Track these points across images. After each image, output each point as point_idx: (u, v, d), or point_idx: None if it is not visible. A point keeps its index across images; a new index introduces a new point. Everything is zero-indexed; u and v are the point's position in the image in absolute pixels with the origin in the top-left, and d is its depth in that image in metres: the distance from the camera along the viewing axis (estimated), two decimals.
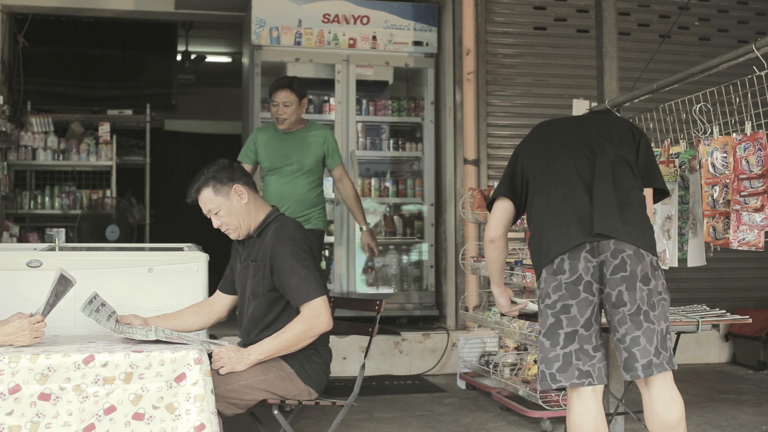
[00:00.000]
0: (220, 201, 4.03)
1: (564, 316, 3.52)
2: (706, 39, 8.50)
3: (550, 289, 3.56)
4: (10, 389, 3.20)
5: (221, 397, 3.60)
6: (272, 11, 7.85)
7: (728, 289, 8.15)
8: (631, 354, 3.57)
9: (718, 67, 4.46)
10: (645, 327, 3.55)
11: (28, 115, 9.19)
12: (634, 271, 3.55)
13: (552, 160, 3.83)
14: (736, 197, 4.14)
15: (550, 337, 3.55)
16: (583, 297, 3.50)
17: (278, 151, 6.17)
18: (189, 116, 12.75)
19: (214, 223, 4.10)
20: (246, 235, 4.11)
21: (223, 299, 4.28)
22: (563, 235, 3.59)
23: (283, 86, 6.13)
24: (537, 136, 4.03)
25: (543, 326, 3.59)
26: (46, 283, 3.57)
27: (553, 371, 3.54)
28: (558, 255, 3.55)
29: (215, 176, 4.04)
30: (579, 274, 3.51)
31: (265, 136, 6.27)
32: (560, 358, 3.53)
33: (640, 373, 3.56)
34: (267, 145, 6.21)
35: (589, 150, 3.79)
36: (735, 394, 6.74)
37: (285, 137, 6.20)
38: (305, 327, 3.84)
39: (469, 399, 6.51)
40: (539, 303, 3.66)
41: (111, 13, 8.83)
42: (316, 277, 3.91)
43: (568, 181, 3.73)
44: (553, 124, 4.10)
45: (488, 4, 8.05)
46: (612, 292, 3.55)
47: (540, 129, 4.08)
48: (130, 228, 9.06)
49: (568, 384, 3.54)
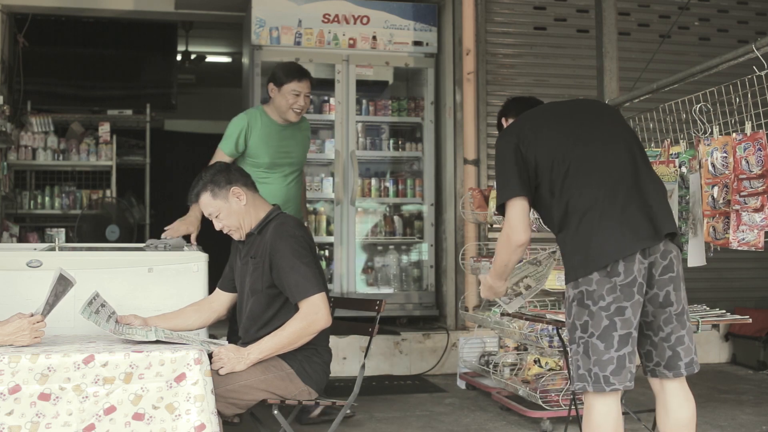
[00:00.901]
0: (219, 204, 4.05)
1: (618, 318, 3.47)
2: (706, 39, 8.50)
3: (604, 291, 3.47)
4: (10, 389, 3.20)
5: (221, 397, 3.60)
6: (272, 11, 7.85)
7: (728, 289, 8.15)
8: (675, 352, 3.58)
9: (718, 67, 4.46)
10: (687, 326, 3.60)
11: (28, 115, 9.19)
12: (680, 271, 3.58)
13: (576, 152, 3.68)
14: (735, 197, 4.14)
15: (604, 339, 3.48)
16: (636, 299, 3.49)
17: (280, 146, 5.63)
18: (189, 116, 12.75)
19: (216, 226, 4.14)
20: None
21: (223, 297, 4.28)
22: (619, 239, 3.49)
23: (306, 75, 5.63)
24: (534, 125, 3.85)
25: (596, 328, 3.49)
26: (46, 283, 3.57)
27: (607, 374, 3.47)
28: (614, 260, 3.48)
29: (213, 180, 4.07)
30: (634, 276, 3.48)
31: (261, 128, 5.59)
32: (614, 360, 3.48)
33: (683, 371, 3.59)
34: (266, 138, 5.59)
35: (620, 142, 3.70)
36: (735, 394, 6.74)
37: (283, 131, 5.67)
38: (304, 324, 3.84)
39: (469, 399, 6.51)
40: (587, 303, 3.53)
41: (111, 13, 8.83)
42: (315, 273, 3.91)
43: (608, 176, 3.60)
44: (548, 112, 3.95)
45: (488, 4, 8.05)
46: (660, 292, 3.53)
47: (535, 117, 3.91)
48: (130, 228, 9.06)
49: (621, 387, 3.51)
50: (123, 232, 8.83)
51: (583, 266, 3.51)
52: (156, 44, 10.59)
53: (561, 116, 3.83)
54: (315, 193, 8.13)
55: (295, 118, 5.62)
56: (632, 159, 3.65)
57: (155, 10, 8.75)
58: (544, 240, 6.99)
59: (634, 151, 3.67)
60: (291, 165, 5.70)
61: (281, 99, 5.54)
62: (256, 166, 5.51)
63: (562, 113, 3.86)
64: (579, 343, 3.53)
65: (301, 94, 5.53)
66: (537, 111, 3.97)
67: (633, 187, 3.57)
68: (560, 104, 3.99)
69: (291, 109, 5.54)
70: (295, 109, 5.55)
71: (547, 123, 3.80)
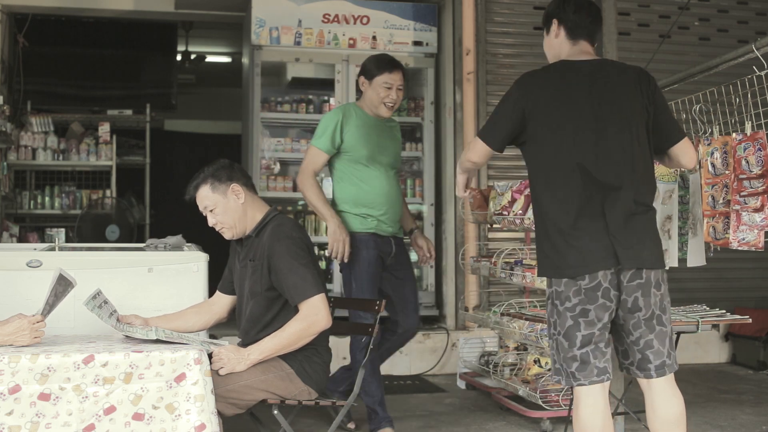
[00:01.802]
0: (216, 198, 4.05)
1: (582, 320, 3.53)
2: (706, 39, 8.50)
3: (570, 293, 3.54)
4: (10, 389, 3.20)
5: (221, 397, 3.60)
6: (272, 11, 7.84)
7: (728, 289, 8.15)
8: (644, 356, 3.62)
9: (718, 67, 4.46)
10: (657, 330, 3.61)
11: (28, 115, 9.19)
12: (649, 278, 3.58)
13: (570, 137, 3.61)
14: (735, 197, 4.14)
15: (568, 338, 3.56)
16: (600, 302, 3.52)
17: (372, 140, 5.33)
18: (189, 116, 12.75)
19: (209, 221, 4.10)
20: (241, 236, 4.11)
21: (223, 299, 4.28)
22: (593, 253, 3.52)
23: (398, 66, 5.34)
24: (546, 83, 3.72)
25: (562, 327, 3.58)
26: (46, 283, 3.57)
27: (573, 370, 3.57)
28: (580, 274, 3.52)
29: (214, 174, 4.09)
30: (598, 281, 3.51)
31: (356, 120, 5.31)
32: (578, 358, 3.55)
33: (653, 373, 3.63)
34: (364, 130, 5.31)
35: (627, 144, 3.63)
36: (735, 394, 6.74)
37: (377, 125, 5.38)
38: (304, 325, 3.84)
39: (469, 399, 6.51)
40: (556, 303, 3.61)
41: (111, 13, 8.83)
42: (314, 275, 3.91)
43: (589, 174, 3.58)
44: (570, 70, 3.74)
45: (488, 4, 8.05)
46: (628, 298, 3.56)
47: (552, 74, 3.76)
48: (130, 228, 9.06)
49: (587, 382, 3.55)
50: (123, 232, 8.83)
51: (554, 269, 3.62)
52: (156, 44, 10.59)
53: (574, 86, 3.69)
54: None
55: (387, 113, 5.35)
56: (634, 171, 3.62)
57: (155, 10, 8.75)
58: None
59: (636, 158, 3.63)
60: (390, 163, 5.41)
61: (372, 93, 5.29)
62: (355, 162, 5.29)
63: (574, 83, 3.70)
64: (553, 339, 3.65)
65: (393, 86, 5.27)
66: (560, 67, 3.78)
67: (619, 201, 3.57)
68: (583, 65, 3.76)
69: (383, 102, 5.28)
70: (387, 102, 5.29)
71: (559, 91, 3.69)
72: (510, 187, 5.98)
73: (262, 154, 7.98)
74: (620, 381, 5.27)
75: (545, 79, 3.73)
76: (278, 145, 8.10)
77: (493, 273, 6.17)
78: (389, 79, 5.24)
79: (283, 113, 8.14)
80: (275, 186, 8.03)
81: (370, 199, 5.30)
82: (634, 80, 3.71)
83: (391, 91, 5.26)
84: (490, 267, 6.18)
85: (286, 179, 8.10)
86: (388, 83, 5.25)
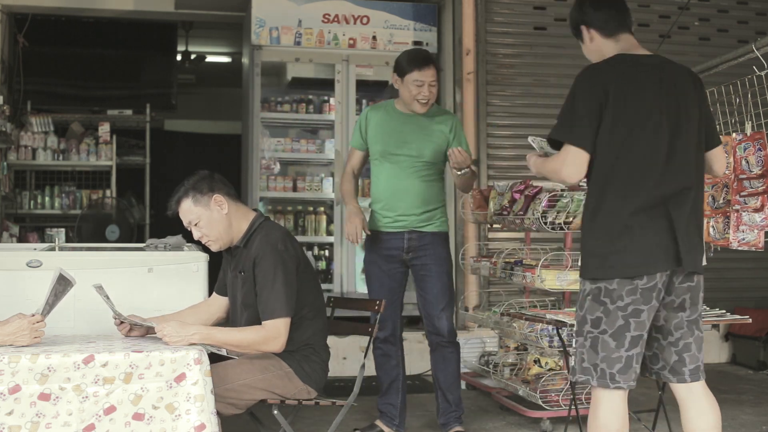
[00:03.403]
0: (200, 211, 3.99)
1: (633, 320, 3.44)
2: (706, 39, 8.49)
3: (624, 291, 3.43)
4: (10, 389, 3.20)
5: (219, 396, 3.59)
6: (272, 11, 7.85)
7: (728, 289, 8.14)
8: (681, 358, 3.57)
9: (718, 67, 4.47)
10: (696, 335, 3.59)
11: (28, 115, 9.19)
12: (699, 282, 3.58)
13: (644, 132, 3.50)
14: (736, 197, 4.15)
15: (616, 338, 3.45)
16: (653, 304, 3.47)
17: (394, 134, 5.31)
18: (189, 116, 12.74)
19: (194, 235, 4.06)
20: (228, 246, 4.08)
21: (220, 301, 4.26)
22: (654, 253, 3.44)
23: (429, 61, 5.25)
24: (615, 76, 3.54)
25: (610, 326, 3.46)
26: (46, 283, 3.57)
27: (614, 371, 3.45)
28: (645, 273, 3.44)
29: (195, 186, 4.02)
30: (655, 282, 3.46)
31: (379, 115, 5.38)
32: (623, 360, 3.46)
33: (688, 377, 3.59)
34: (382, 125, 5.35)
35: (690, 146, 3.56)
36: (735, 394, 6.74)
37: (405, 120, 5.32)
38: (260, 339, 3.81)
39: (469, 399, 6.50)
40: (604, 300, 3.47)
41: (111, 13, 8.83)
42: (288, 294, 3.85)
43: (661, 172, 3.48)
44: (635, 64, 3.60)
45: (488, 4, 8.05)
46: (676, 299, 3.52)
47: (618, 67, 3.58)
48: (130, 228, 9.06)
49: (626, 386, 3.48)
50: (123, 232, 8.83)
51: (607, 269, 3.46)
52: (156, 44, 10.59)
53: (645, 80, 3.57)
54: (315, 193, 8.14)
55: (422, 109, 5.23)
56: (697, 172, 3.57)
57: (155, 10, 8.75)
58: (544, 240, 7.00)
59: (699, 159, 3.59)
60: (409, 157, 5.26)
61: (404, 90, 5.22)
62: (372, 158, 5.37)
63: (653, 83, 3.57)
64: (587, 337, 3.50)
65: (424, 83, 5.15)
66: (632, 71, 3.61)
67: (686, 202, 3.50)
68: (649, 70, 3.62)
69: (415, 100, 5.19)
70: (420, 99, 5.18)
71: (634, 87, 3.55)
72: (510, 187, 5.99)
73: (262, 154, 7.99)
74: None
75: (614, 72, 3.57)
76: (278, 145, 8.11)
77: (493, 273, 6.17)
78: (420, 77, 5.14)
79: (283, 113, 8.15)
80: (275, 186, 8.03)
81: (376, 195, 5.33)
82: (690, 80, 3.65)
83: (422, 88, 5.15)
84: (490, 267, 6.18)
85: (286, 179, 8.11)
86: (419, 81, 5.14)
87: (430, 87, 5.18)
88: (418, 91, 5.16)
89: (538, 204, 5.59)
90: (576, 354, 3.56)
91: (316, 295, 4.15)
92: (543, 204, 5.53)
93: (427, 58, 5.26)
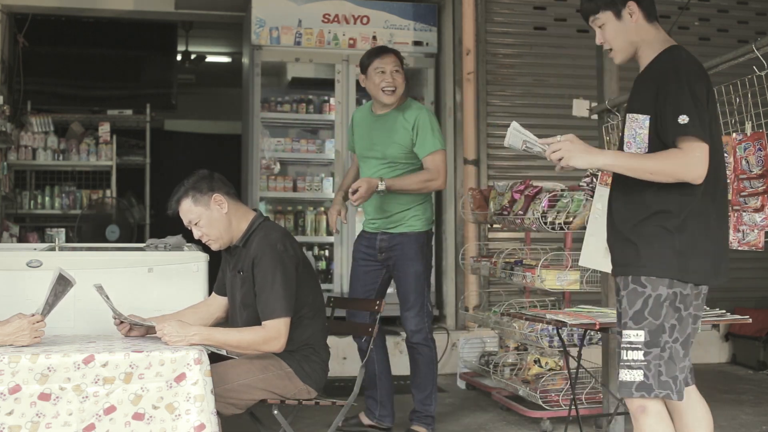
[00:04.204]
0: (200, 211, 3.99)
1: (693, 327, 3.37)
2: (706, 39, 8.49)
3: (692, 296, 3.32)
4: (10, 389, 3.20)
5: (219, 396, 3.59)
6: (272, 11, 7.85)
7: (728, 289, 8.05)
8: (690, 365, 3.48)
9: (718, 67, 4.45)
10: (693, 342, 3.48)
11: (28, 115, 9.18)
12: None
13: (718, 133, 3.40)
14: (736, 197, 4.14)
15: (685, 346, 3.32)
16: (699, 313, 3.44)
17: (365, 136, 5.39)
18: (189, 116, 12.75)
19: (194, 234, 4.06)
20: (228, 245, 4.08)
21: (219, 301, 4.26)
22: (720, 262, 3.36)
23: (388, 50, 5.35)
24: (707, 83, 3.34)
25: (682, 334, 3.30)
26: (46, 283, 3.57)
27: (681, 379, 3.31)
28: (712, 282, 3.37)
29: (195, 186, 4.01)
30: (707, 290, 3.44)
31: (359, 116, 5.50)
32: (685, 369, 3.36)
33: (691, 380, 3.48)
34: (359, 127, 5.47)
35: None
36: (735, 394, 6.74)
37: (375, 120, 5.36)
38: (260, 340, 3.80)
39: (469, 399, 6.51)
40: (679, 307, 3.28)
41: (111, 13, 8.83)
42: (287, 295, 3.85)
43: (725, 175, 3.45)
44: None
45: (488, 4, 8.05)
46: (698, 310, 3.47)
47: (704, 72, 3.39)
48: (130, 228, 9.06)
49: (682, 396, 3.34)
50: (123, 232, 8.83)
51: (685, 271, 3.28)
52: (156, 44, 10.59)
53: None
54: (315, 193, 8.14)
55: (388, 99, 5.22)
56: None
57: (155, 10, 8.75)
58: (544, 240, 7.00)
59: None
60: (375, 159, 5.30)
61: (370, 84, 5.26)
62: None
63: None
64: (665, 348, 3.27)
65: (386, 70, 5.18)
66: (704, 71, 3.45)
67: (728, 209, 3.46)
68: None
69: (381, 90, 5.20)
70: (385, 88, 5.19)
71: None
72: (510, 187, 5.99)
73: (262, 154, 7.99)
74: None
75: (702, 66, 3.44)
76: (278, 145, 8.11)
77: (493, 273, 6.18)
78: (381, 64, 5.19)
79: (283, 113, 8.15)
80: (275, 186, 8.04)
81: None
82: None
83: (385, 75, 5.18)
84: (490, 267, 6.18)
85: (286, 179, 8.11)
86: (380, 68, 5.18)
87: (394, 74, 5.20)
88: (381, 78, 5.18)
89: (538, 204, 5.59)
90: (650, 368, 3.26)
91: (316, 295, 4.14)
92: (543, 204, 5.54)
93: (385, 47, 5.42)
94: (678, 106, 3.19)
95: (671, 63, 3.31)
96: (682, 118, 3.17)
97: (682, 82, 3.23)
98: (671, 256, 3.26)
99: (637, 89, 3.45)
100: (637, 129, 3.33)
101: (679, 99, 3.21)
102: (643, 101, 3.34)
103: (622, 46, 3.46)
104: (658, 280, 3.25)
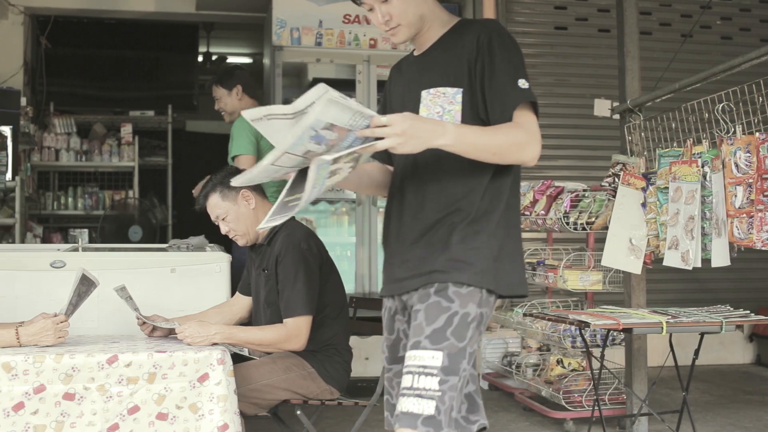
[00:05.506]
0: (227, 206, 4.03)
1: None
2: (728, 38, 8.45)
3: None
4: (35, 389, 3.22)
5: (243, 396, 3.61)
6: (293, 12, 7.86)
7: (752, 290, 8.10)
8: None
9: (741, 66, 4.44)
10: None
11: (51, 116, 9.24)
12: None
13: None
14: (759, 197, 4.12)
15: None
16: None
17: None
18: (210, 117, 12.75)
19: (222, 229, 4.10)
20: (254, 242, 4.11)
21: (243, 301, 4.27)
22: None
23: (213, 82, 6.19)
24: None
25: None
26: (69, 284, 3.59)
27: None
28: None
29: (223, 182, 4.04)
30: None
31: None
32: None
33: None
34: None
35: None
36: (760, 395, 6.70)
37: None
38: (281, 338, 3.81)
39: (492, 399, 6.50)
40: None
41: (133, 14, 8.88)
42: (309, 293, 3.86)
43: None
44: None
45: (509, 3, 8.04)
46: None
47: None
48: (153, 228, 9.10)
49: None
50: (145, 233, 8.87)
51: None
52: (177, 45, 10.62)
53: None
54: (336, 193, 8.14)
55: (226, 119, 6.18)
56: None
57: (176, 12, 8.80)
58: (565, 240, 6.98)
59: None
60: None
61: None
62: None
63: None
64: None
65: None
66: None
67: None
68: None
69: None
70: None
71: None
72: (532, 188, 5.97)
73: None
74: (644, 382, 5.25)
75: None
76: None
77: None
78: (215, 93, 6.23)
79: None
80: None
81: None
82: None
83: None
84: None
85: None
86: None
87: (217, 101, 6.27)
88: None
89: (560, 204, 5.57)
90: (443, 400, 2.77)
91: (339, 296, 4.15)
92: (565, 204, 5.52)
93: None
94: (516, 71, 2.77)
95: (485, 30, 2.83)
96: (522, 82, 2.75)
97: (510, 47, 2.82)
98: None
99: (429, 66, 2.93)
100: (445, 105, 2.80)
101: (514, 63, 2.80)
102: (449, 74, 2.83)
103: (412, 20, 2.94)
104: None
